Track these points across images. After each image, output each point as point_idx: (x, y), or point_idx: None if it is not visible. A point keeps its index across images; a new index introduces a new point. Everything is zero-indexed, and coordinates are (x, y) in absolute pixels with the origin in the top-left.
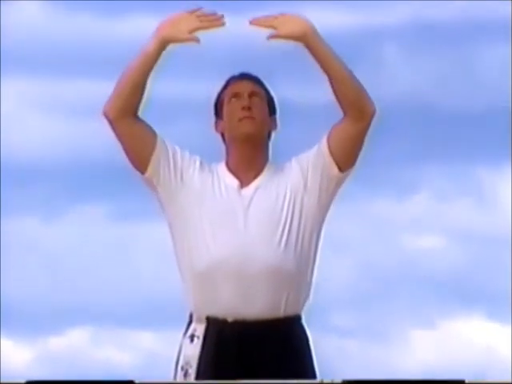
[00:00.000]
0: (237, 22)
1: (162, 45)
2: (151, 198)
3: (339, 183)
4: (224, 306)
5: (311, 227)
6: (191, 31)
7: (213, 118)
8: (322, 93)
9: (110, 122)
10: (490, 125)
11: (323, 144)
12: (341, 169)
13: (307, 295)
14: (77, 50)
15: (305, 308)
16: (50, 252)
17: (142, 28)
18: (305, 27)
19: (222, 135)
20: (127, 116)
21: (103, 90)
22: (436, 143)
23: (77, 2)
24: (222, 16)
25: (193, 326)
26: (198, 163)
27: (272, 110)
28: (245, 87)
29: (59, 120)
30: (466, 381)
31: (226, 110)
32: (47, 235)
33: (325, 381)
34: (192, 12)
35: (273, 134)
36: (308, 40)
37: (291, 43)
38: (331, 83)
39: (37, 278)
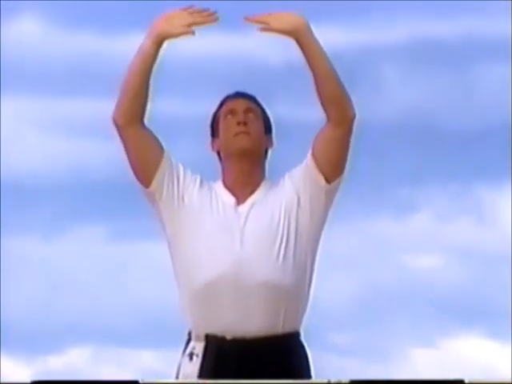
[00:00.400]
0: (234, 41)
1: (158, 41)
2: (151, 217)
3: (329, 196)
4: (223, 323)
5: (307, 242)
6: (185, 26)
7: (209, 138)
8: (320, 112)
9: (119, 129)
10: (489, 143)
11: (309, 156)
12: (327, 180)
13: (304, 311)
14: (77, 68)
15: (304, 326)
16: (50, 271)
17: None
18: (297, 23)
19: (218, 154)
20: (135, 122)
21: (103, 108)
22: (436, 162)
23: (76, 20)
24: (215, 12)
25: (191, 344)
26: (198, 182)
27: (268, 128)
28: (240, 104)
29: (59, 139)
30: (466, 380)
31: (221, 126)
32: (47, 254)
33: (332, 380)
34: (185, 9)
35: (269, 153)
36: (299, 35)
37: (283, 38)
38: (316, 81)
39: (36, 296)
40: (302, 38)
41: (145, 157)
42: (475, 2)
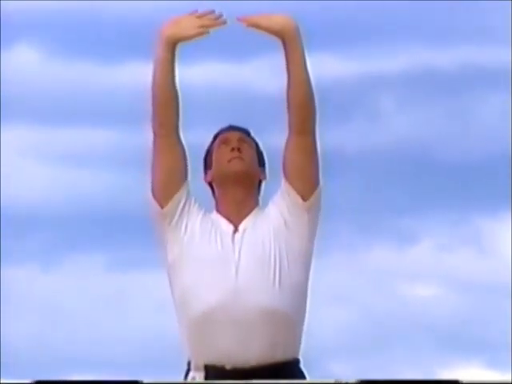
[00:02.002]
0: (231, 71)
1: (170, 45)
2: (150, 246)
3: (312, 213)
4: (221, 353)
5: (300, 264)
6: (197, 28)
7: (202, 172)
8: (328, 141)
9: (158, 138)
10: (488, 173)
11: (282, 179)
12: (303, 197)
13: (301, 336)
14: (75, 97)
15: (304, 356)
16: (49, 300)
17: (140, 76)
18: (285, 24)
19: (211, 185)
20: (173, 133)
21: (103, 138)
22: (435, 192)
23: (75, 50)
24: (221, 14)
25: (191, 374)
26: (202, 212)
27: (261, 162)
28: (234, 135)
29: (58, 168)
30: (461, 380)
31: (215, 155)
32: (46, 284)
33: (339, 381)
34: (192, 13)
35: (263, 186)
36: (285, 36)
37: (270, 37)
38: (290, 86)
39: (35, 326)
40: (288, 39)
41: (171, 172)
42: (474, 31)
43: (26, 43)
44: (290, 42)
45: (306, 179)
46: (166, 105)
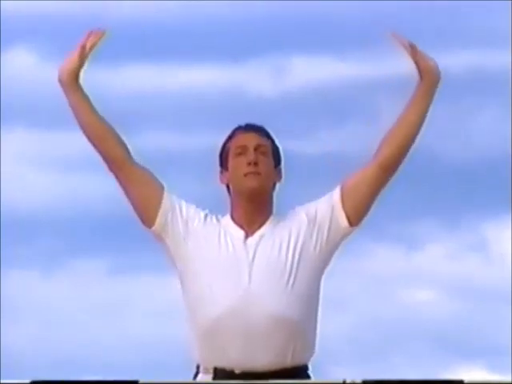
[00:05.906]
0: (227, 74)
1: (71, 82)
2: (151, 251)
3: (346, 236)
4: (231, 358)
5: (314, 276)
6: (82, 54)
7: (217, 169)
8: (326, 143)
9: (116, 173)
10: (491, 178)
11: (336, 194)
12: (351, 222)
13: (313, 345)
14: None
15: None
16: (50, 306)
17: (138, 80)
18: (435, 66)
19: (227, 186)
20: (128, 162)
21: None
22: (437, 197)
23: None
24: (99, 28)
25: (200, 376)
26: (203, 216)
27: (277, 161)
28: (250, 140)
29: (58, 174)
30: (466, 380)
31: (231, 163)
32: (47, 289)
33: (346, 381)
34: (74, 48)
35: (277, 186)
36: (428, 75)
37: (412, 70)
38: (400, 121)
39: (36, 332)
40: (429, 81)
41: (145, 197)
42: (475, 34)
43: (23, 47)
44: (429, 85)
45: (363, 210)
46: (106, 139)
